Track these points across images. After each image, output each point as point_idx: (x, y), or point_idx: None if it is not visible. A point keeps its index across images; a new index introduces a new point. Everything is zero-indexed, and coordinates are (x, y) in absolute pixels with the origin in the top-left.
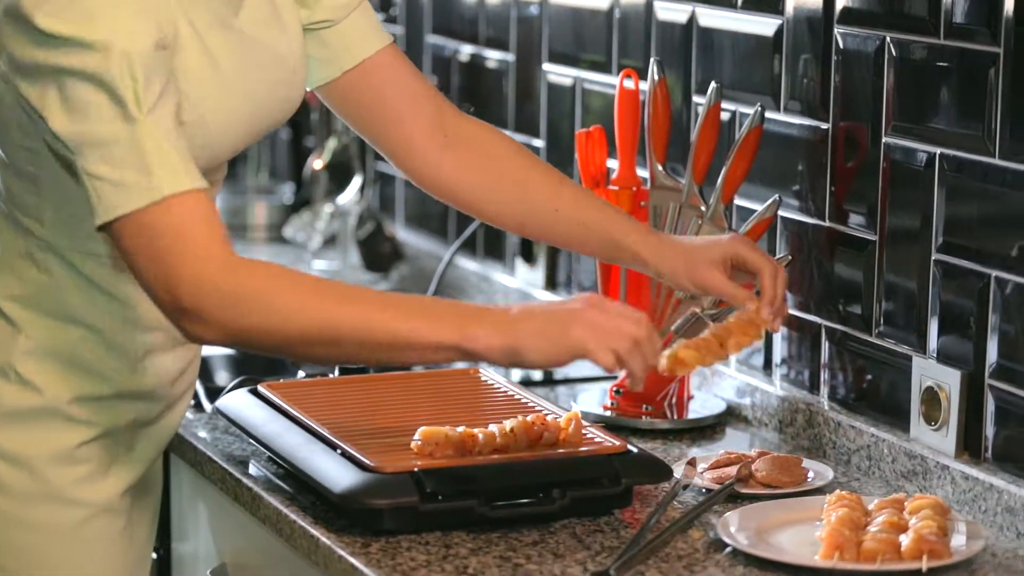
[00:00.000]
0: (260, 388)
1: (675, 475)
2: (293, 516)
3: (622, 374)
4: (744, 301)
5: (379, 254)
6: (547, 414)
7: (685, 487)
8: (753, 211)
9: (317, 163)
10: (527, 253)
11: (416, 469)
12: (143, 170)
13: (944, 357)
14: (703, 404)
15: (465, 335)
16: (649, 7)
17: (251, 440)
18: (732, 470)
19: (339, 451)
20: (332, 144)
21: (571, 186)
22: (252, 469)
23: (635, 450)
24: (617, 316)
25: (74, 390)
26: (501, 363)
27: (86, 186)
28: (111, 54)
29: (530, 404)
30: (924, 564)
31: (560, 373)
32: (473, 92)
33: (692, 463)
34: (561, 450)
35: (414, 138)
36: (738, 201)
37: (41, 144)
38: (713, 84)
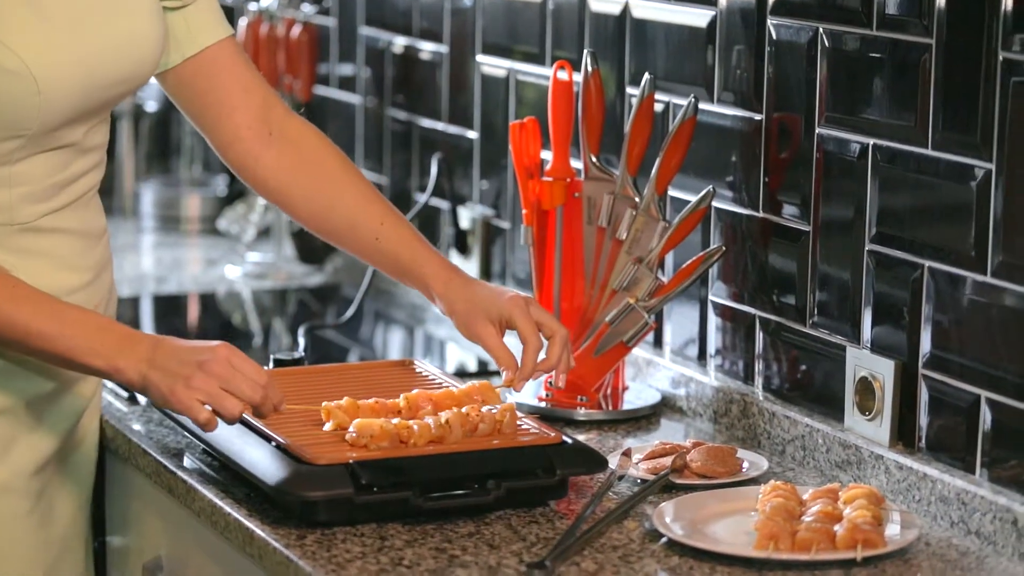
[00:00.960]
0: None
1: (610, 466)
2: (227, 508)
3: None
4: (504, 365)
5: (313, 246)
6: (482, 405)
7: (620, 478)
8: (687, 202)
9: None
10: (461, 245)
11: (351, 461)
12: None
13: (878, 347)
14: (638, 395)
15: (113, 366)
16: None
17: (185, 432)
18: (667, 460)
19: (273, 443)
20: None
21: (381, 205)
22: (186, 461)
23: (570, 441)
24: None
25: (30, 387)
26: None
27: None
28: None
29: (461, 385)
30: (859, 553)
31: (495, 365)
32: (407, 84)
33: (627, 453)
34: (496, 441)
35: (240, 129)
36: (672, 192)
37: None
38: (647, 75)
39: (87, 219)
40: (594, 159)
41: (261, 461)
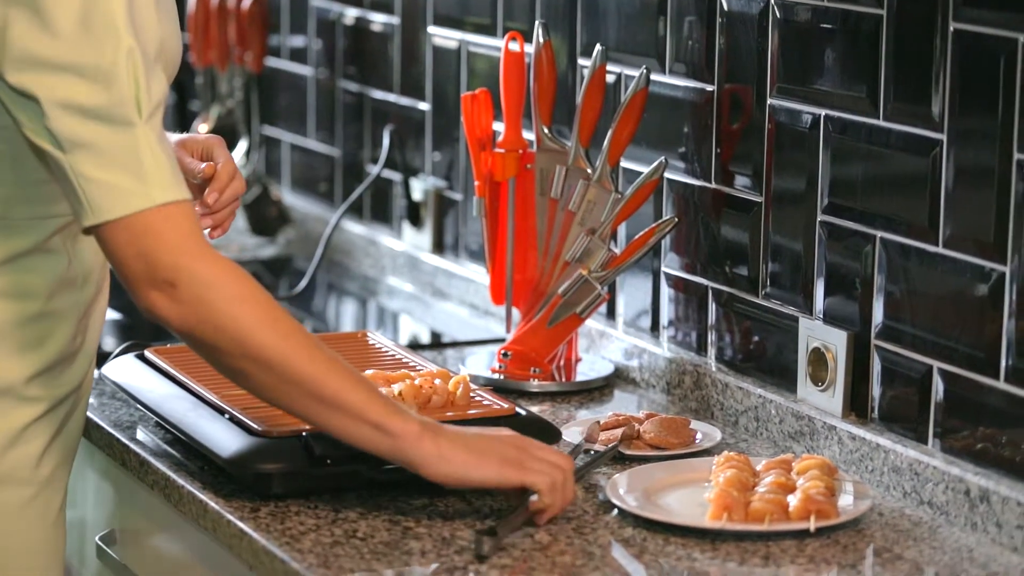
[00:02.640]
0: (147, 353)
1: (564, 437)
2: (181, 481)
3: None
4: (204, 172)
5: (265, 218)
6: (435, 377)
7: (588, 451)
8: (639, 173)
9: (203, 127)
10: (414, 217)
11: (304, 433)
12: (138, 176)
13: (830, 318)
14: (591, 366)
15: (403, 429)
16: None
17: (138, 405)
18: (620, 432)
19: (227, 416)
20: (217, 108)
21: None
22: (140, 435)
23: (524, 413)
24: (542, 450)
25: (24, 367)
26: (419, 461)
27: (74, 185)
28: (119, 54)
29: (418, 367)
30: (812, 524)
31: (448, 336)
32: (358, 55)
33: (598, 425)
34: (450, 413)
35: None
36: (624, 163)
37: (4, 121)
38: (598, 47)
39: None
40: (546, 130)
41: (214, 434)
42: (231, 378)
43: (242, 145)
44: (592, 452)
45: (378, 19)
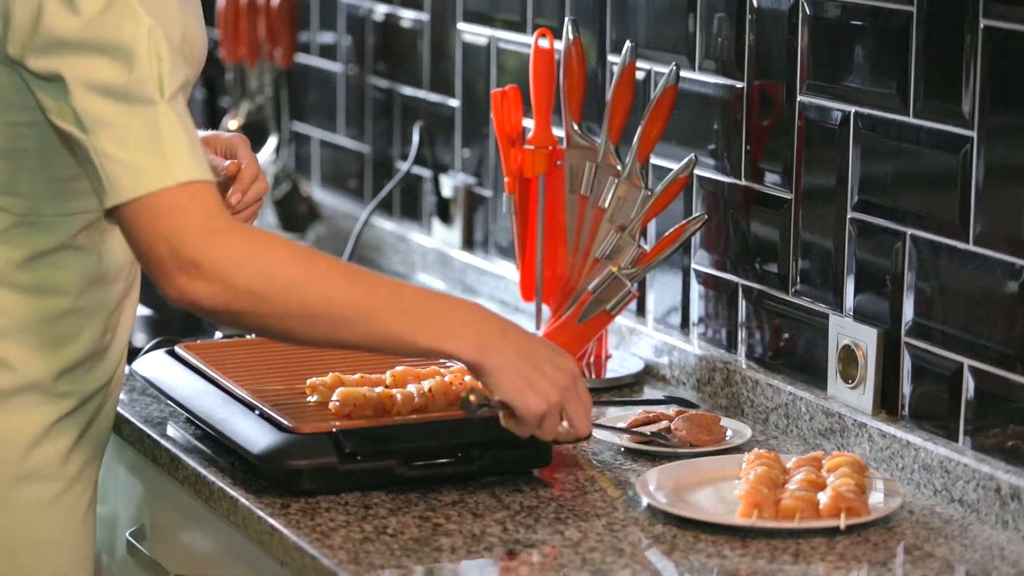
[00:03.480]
0: (177, 349)
1: (594, 434)
2: (212, 477)
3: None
4: (228, 170)
5: (295, 214)
6: (466, 374)
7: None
8: (669, 170)
9: (232, 123)
10: (444, 213)
11: (335, 429)
12: (159, 154)
13: (860, 315)
14: (621, 363)
15: (462, 346)
16: None
17: (169, 401)
18: (650, 429)
19: (257, 412)
20: (247, 104)
21: None
22: (170, 431)
23: None
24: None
25: (53, 364)
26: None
27: (96, 165)
28: (140, 32)
29: (448, 364)
30: (842, 521)
31: None
32: (388, 52)
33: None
34: None
35: None
36: (654, 160)
37: (33, 117)
38: (628, 43)
39: None
40: (576, 127)
41: (245, 430)
42: (279, 339)
43: (272, 141)
44: (624, 450)
45: (408, 15)
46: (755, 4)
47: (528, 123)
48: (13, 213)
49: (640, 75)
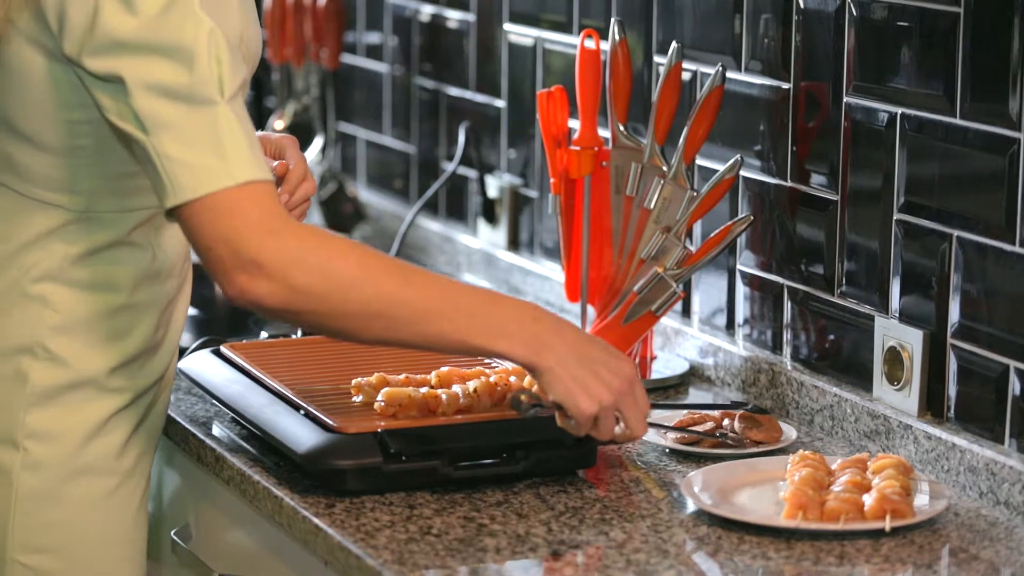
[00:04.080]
0: (223, 349)
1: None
2: (257, 477)
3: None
4: (276, 171)
5: (341, 214)
6: (511, 375)
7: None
8: (715, 171)
9: (278, 124)
10: (489, 214)
11: (380, 430)
12: (219, 154)
13: (906, 317)
14: (666, 364)
15: (514, 346)
16: None
17: (214, 401)
18: (698, 429)
19: (302, 412)
20: (293, 105)
21: None
22: (215, 430)
23: None
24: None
25: (107, 359)
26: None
27: (156, 165)
28: (201, 34)
29: (493, 364)
30: (887, 524)
31: None
32: (434, 52)
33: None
34: None
35: None
36: (700, 161)
37: (90, 115)
38: (674, 44)
39: None
40: (622, 128)
41: (290, 430)
42: (336, 337)
43: (318, 142)
44: (670, 451)
45: (454, 16)
46: (801, 5)
47: (574, 124)
48: (70, 210)
49: (686, 76)
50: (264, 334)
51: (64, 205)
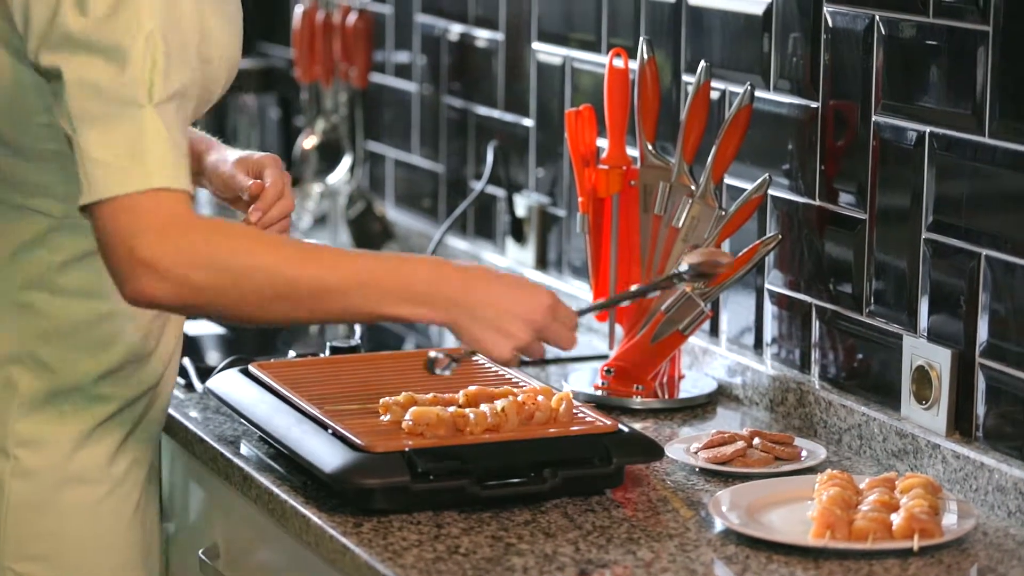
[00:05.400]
0: (251, 368)
1: (667, 454)
2: (284, 496)
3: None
4: (251, 190)
5: (369, 233)
6: (539, 394)
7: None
8: (743, 190)
9: (307, 142)
10: (517, 233)
11: (407, 449)
12: (137, 158)
13: (935, 336)
14: (694, 383)
15: (417, 311)
16: None
17: (242, 420)
18: (726, 449)
19: (330, 431)
20: (322, 123)
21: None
22: (243, 449)
23: (626, 429)
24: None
25: (93, 366)
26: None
27: (79, 163)
28: (139, 35)
29: (521, 383)
30: (915, 543)
31: (551, 353)
32: (462, 71)
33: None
34: (552, 430)
35: None
36: (728, 180)
37: (53, 118)
38: (703, 63)
39: None
40: (650, 147)
41: (317, 449)
42: (243, 324)
43: (346, 160)
44: (699, 470)
45: (483, 35)
46: (830, 24)
47: (602, 143)
48: (50, 216)
49: (715, 95)
50: (292, 353)
51: (45, 211)
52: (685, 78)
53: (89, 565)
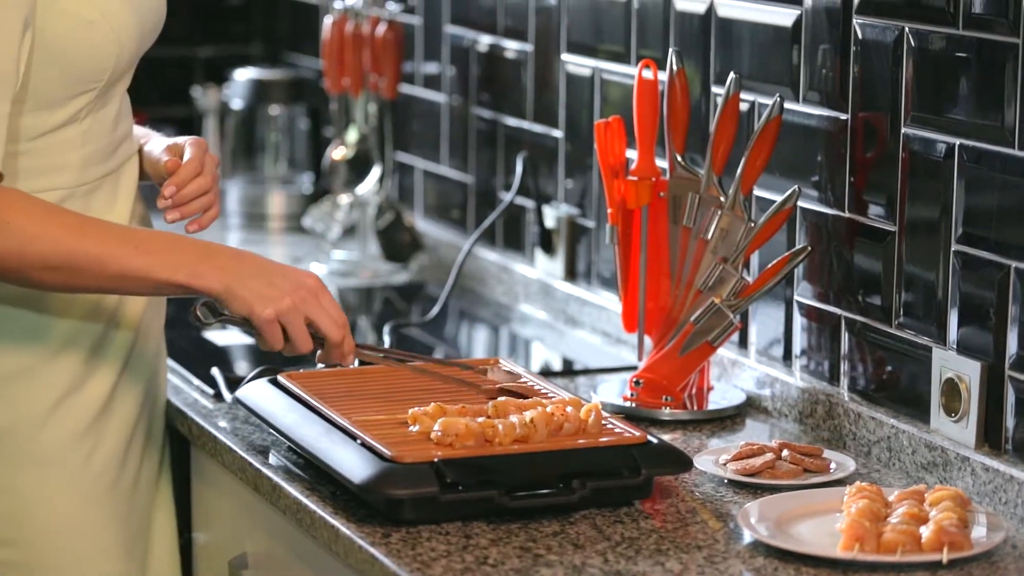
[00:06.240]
0: (280, 378)
1: (696, 465)
2: (313, 506)
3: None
4: (166, 166)
5: (398, 244)
6: (567, 405)
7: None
8: (772, 202)
9: (336, 153)
10: (547, 244)
11: (436, 459)
12: None
13: (964, 348)
14: (723, 395)
15: (194, 273)
16: None
17: (271, 430)
18: (755, 461)
19: (359, 441)
20: (351, 134)
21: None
22: (272, 459)
23: (655, 441)
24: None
25: (39, 347)
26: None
27: None
28: None
29: (550, 394)
30: (944, 556)
31: (580, 364)
32: (492, 82)
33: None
34: (581, 441)
35: None
36: (757, 192)
37: None
38: (732, 74)
39: (133, 184)
40: (679, 158)
41: (347, 459)
42: (32, 288)
43: (375, 171)
44: (728, 482)
45: (512, 46)
46: (859, 35)
47: (631, 154)
48: None
49: (744, 106)
50: (320, 364)
51: None
52: (714, 89)
53: (60, 548)
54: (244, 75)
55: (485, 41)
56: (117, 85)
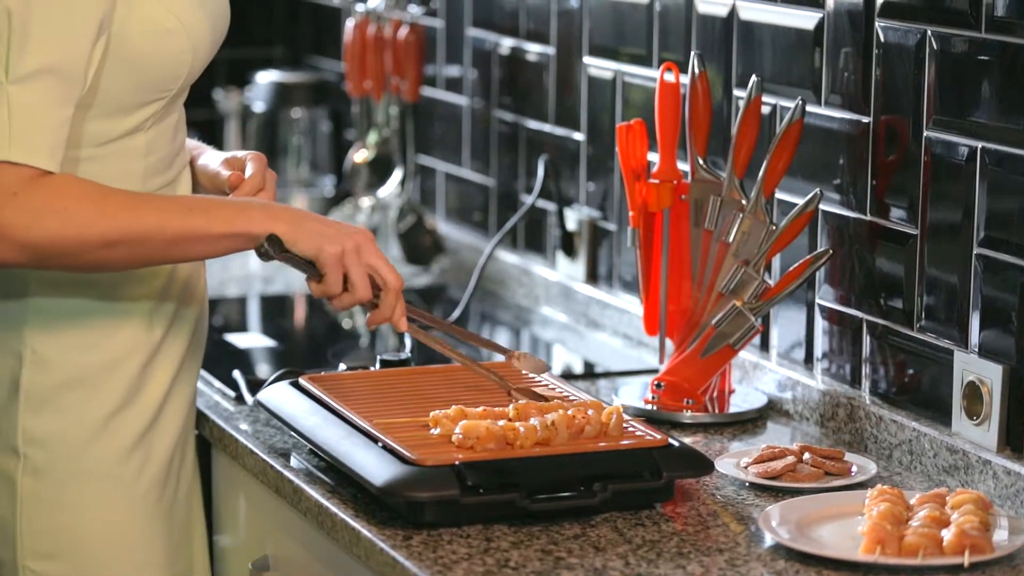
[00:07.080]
0: (301, 381)
1: (717, 468)
2: (334, 509)
3: None
4: (228, 181)
5: (420, 247)
6: (589, 408)
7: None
8: (794, 205)
9: (358, 156)
10: (568, 247)
11: (457, 462)
12: (3, 129)
13: (986, 351)
14: (744, 398)
15: (254, 219)
16: (689, 0)
17: (292, 433)
18: (776, 464)
19: (380, 444)
20: (373, 137)
21: None
22: (293, 462)
23: (676, 444)
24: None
25: (96, 358)
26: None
27: None
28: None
29: (571, 397)
30: (966, 559)
31: (601, 367)
32: (513, 85)
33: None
34: (602, 444)
35: None
36: (779, 195)
37: None
38: (754, 77)
39: (188, 192)
40: (701, 161)
41: (368, 462)
42: (94, 271)
43: (397, 174)
44: (749, 485)
45: (534, 49)
46: (882, 39)
47: (653, 157)
48: None
49: (766, 109)
50: (343, 366)
51: None
52: (736, 92)
53: (106, 562)
54: (266, 78)
55: (507, 44)
56: (182, 94)
